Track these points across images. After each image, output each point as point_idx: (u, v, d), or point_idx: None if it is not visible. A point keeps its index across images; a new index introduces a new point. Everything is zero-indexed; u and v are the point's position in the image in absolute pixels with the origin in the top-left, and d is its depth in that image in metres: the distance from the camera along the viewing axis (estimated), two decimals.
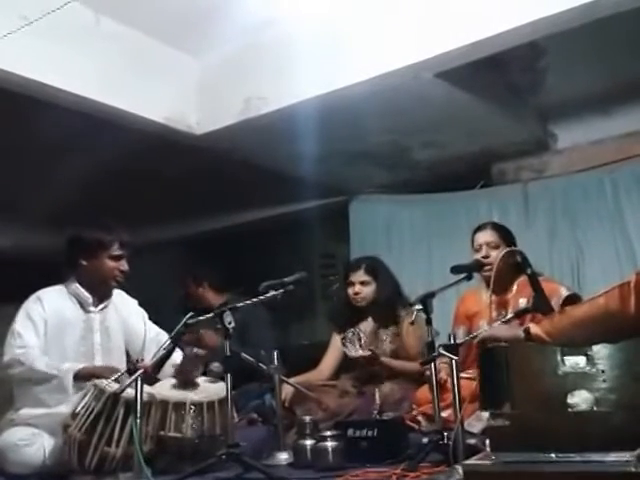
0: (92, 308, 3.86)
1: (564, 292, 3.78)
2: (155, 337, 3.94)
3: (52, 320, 3.73)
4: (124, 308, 4.00)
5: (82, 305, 3.85)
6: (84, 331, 3.81)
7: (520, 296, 3.87)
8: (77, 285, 3.85)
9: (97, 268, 3.82)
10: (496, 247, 3.97)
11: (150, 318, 4.09)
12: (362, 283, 4.52)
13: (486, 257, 3.95)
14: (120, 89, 4.58)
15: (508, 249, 3.71)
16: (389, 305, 4.49)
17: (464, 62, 4.40)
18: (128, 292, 4.09)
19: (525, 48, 4.47)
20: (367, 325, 4.54)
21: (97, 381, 3.29)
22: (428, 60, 4.29)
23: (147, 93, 4.76)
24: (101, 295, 3.90)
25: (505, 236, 4.07)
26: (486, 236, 4.05)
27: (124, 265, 3.84)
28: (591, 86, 5.28)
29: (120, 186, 5.75)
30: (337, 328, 4.69)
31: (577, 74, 5.08)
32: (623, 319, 2.30)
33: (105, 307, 3.91)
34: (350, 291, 4.54)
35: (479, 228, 4.14)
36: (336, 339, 4.66)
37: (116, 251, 3.81)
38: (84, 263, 3.83)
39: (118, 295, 4.02)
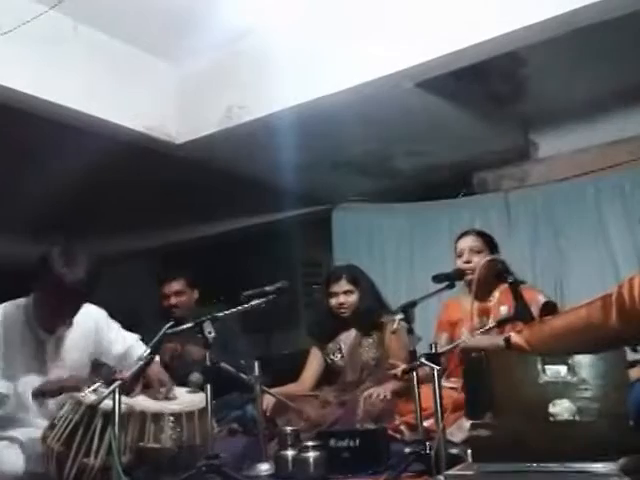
0: (43, 334, 3.68)
1: (541, 299, 3.78)
2: (127, 347, 3.89)
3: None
4: (87, 321, 3.88)
5: (33, 330, 3.66)
6: (35, 344, 3.63)
7: (501, 304, 3.88)
8: (31, 307, 3.64)
9: (42, 301, 3.62)
10: (479, 252, 3.97)
11: (129, 326, 4.04)
12: (345, 293, 4.47)
13: (468, 262, 3.95)
14: (99, 98, 4.56)
15: (490, 257, 3.71)
16: (372, 312, 4.46)
17: (445, 71, 4.41)
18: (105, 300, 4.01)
19: (506, 57, 4.47)
20: (349, 335, 4.52)
21: (74, 394, 3.26)
22: (409, 69, 4.29)
23: (126, 102, 4.74)
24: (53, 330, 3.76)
25: (488, 242, 4.07)
26: (469, 241, 4.05)
27: (62, 313, 3.64)
28: (572, 95, 5.30)
29: (98, 195, 5.72)
30: (317, 342, 4.66)
31: (558, 83, 5.10)
32: (604, 331, 2.30)
33: (62, 336, 3.74)
34: (334, 302, 4.48)
35: (462, 235, 4.15)
36: (316, 351, 4.63)
37: (59, 294, 3.57)
38: (37, 289, 3.64)
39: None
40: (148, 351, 3.16)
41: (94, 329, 3.85)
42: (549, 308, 3.43)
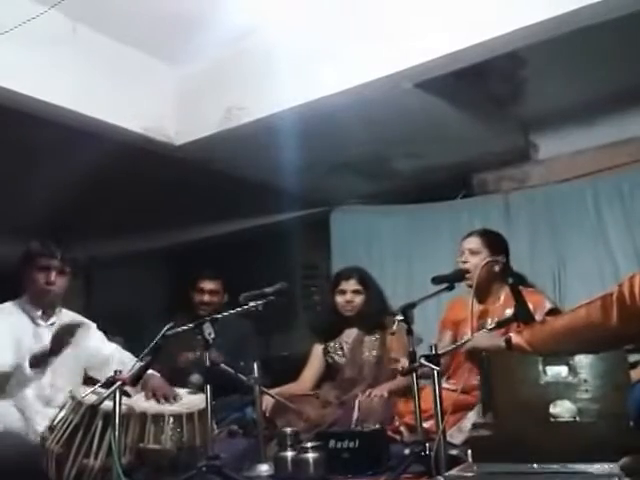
0: (41, 322, 3.80)
1: (547, 305, 3.78)
2: (119, 357, 3.90)
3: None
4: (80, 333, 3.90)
5: (32, 319, 3.80)
6: (34, 343, 3.71)
7: (507, 306, 3.84)
8: (25, 299, 3.83)
9: (29, 280, 3.80)
10: (477, 253, 3.95)
11: (129, 328, 4.05)
12: (354, 292, 4.52)
13: (465, 263, 3.94)
14: (97, 98, 4.54)
15: (489, 259, 3.71)
16: (376, 315, 4.48)
17: (444, 72, 4.39)
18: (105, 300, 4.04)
19: (505, 58, 4.45)
20: (351, 333, 4.55)
21: (75, 392, 3.26)
22: (408, 70, 4.27)
23: (125, 103, 4.73)
24: (46, 309, 3.84)
25: (491, 243, 4.03)
26: (468, 242, 4.04)
27: (50, 277, 3.76)
28: (572, 96, 5.28)
29: (97, 197, 5.71)
30: (319, 338, 4.68)
31: (558, 84, 5.09)
32: (604, 331, 2.29)
33: (55, 323, 3.80)
34: (341, 299, 4.53)
35: (467, 235, 4.14)
36: (317, 350, 4.64)
37: (42, 262, 3.76)
38: (25, 276, 3.83)
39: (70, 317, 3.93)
40: (147, 353, 3.16)
41: (88, 345, 3.90)
42: (554, 315, 3.43)
